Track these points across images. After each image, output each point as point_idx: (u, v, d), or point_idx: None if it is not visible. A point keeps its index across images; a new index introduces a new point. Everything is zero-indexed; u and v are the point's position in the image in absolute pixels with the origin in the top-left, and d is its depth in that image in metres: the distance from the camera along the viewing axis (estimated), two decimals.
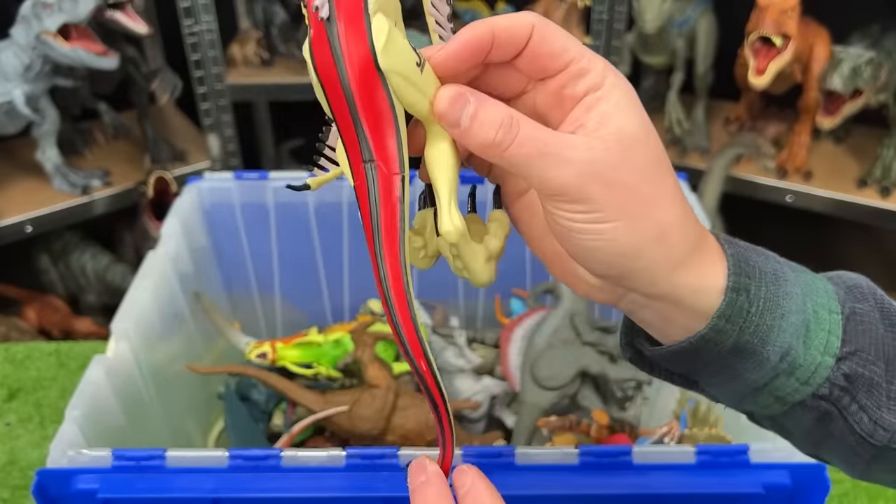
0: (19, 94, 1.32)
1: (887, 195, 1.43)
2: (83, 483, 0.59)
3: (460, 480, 0.40)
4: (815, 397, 0.39)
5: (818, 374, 0.38)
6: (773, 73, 1.28)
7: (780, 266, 0.40)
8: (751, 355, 0.38)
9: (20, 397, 1.02)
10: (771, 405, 0.40)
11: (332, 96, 0.35)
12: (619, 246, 0.37)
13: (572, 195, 0.36)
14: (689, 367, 0.41)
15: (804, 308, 0.39)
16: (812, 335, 0.39)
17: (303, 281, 1.05)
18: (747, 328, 0.38)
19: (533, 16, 0.37)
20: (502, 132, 0.36)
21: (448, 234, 0.38)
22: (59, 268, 1.59)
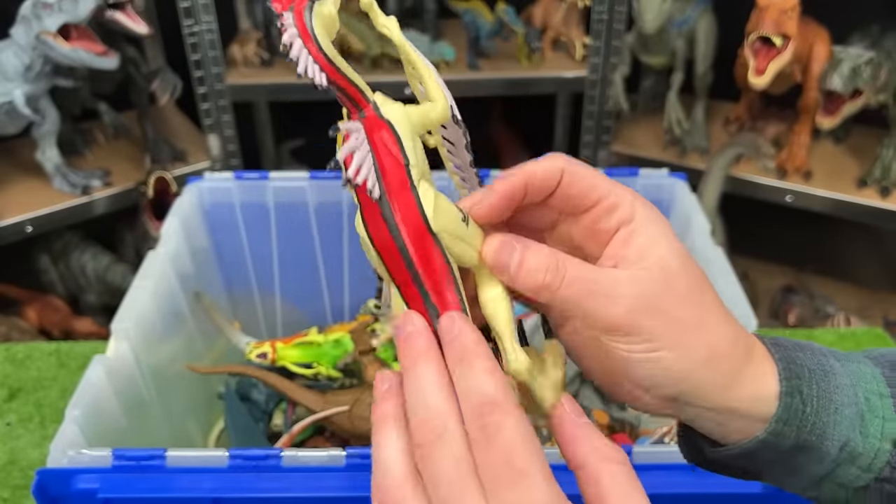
0: (19, 95, 1.32)
1: (887, 195, 1.43)
2: (83, 483, 0.59)
3: (447, 326, 0.37)
4: (878, 481, 0.39)
5: (878, 460, 0.39)
6: (772, 73, 1.28)
7: (826, 359, 0.41)
8: (811, 451, 0.39)
9: (20, 397, 1.02)
10: (835, 491, 0.40)
11: (390, 262, 0.38)
12: (674, 372, 0.38)
13: (625, 329, 0.38)
14: (751, 465, 0.41)
15: (856, 399, 0.40)
16: (867, 424, 0.40)
17: (303, 281, 1.05)
18: (804, 427, 0.39)
19: (562, 159, 0.39)
20: (550, 275, 0.38)
21: (518, 372, 0.39)
22: (60, 268, 1.59)
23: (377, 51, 1.55)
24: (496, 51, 1.62)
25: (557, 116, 1.85)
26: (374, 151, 0.37)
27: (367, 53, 1.55)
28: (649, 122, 1.67)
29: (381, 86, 0.43)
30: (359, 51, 1.56)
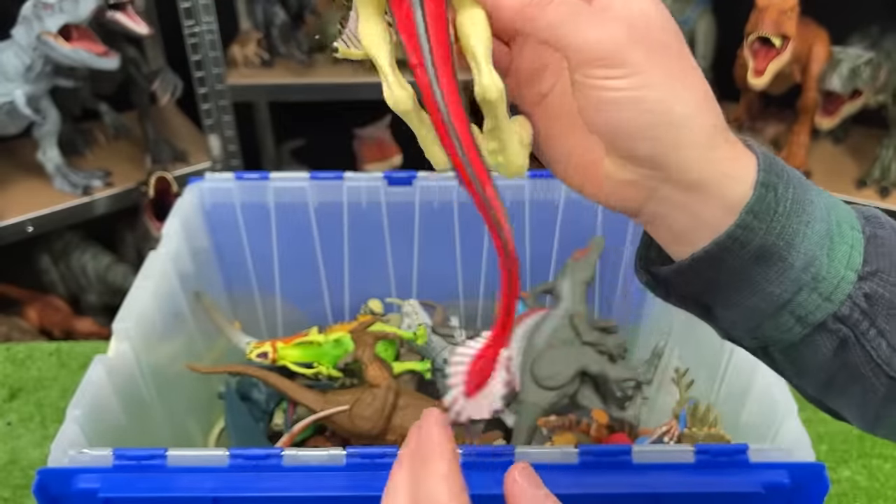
0: (20, 95, 1.32)
1: (886, 195, 1.43)
2: (84, 482, 0.59)
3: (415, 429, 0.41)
4: (835, 319, 0.37)
5: (840, 290, 0.37)
6: (772, 73, 1.28)
7: (804, 176, 0.39)
8: (775, 262, 0.37)
9: (21, 397, 1.02)
10: (791, 328, 0.38)
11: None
12: (661, 115, 0.35)
13: (612, 58, 0.35)
14: (709, 282, 0.38)
15: (828, 218, 0.38)
16: (836, 247, 0.37)
17: (303, 281, 1.05)
18: (773, 229, 0.36)
19: None
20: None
21: (488, 89, 0.37)
22: (60, 268, 1.60)
23: None
24: None
25: None
26: None
27: None
28: None
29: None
30: None
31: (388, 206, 0.99)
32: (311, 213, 1.00)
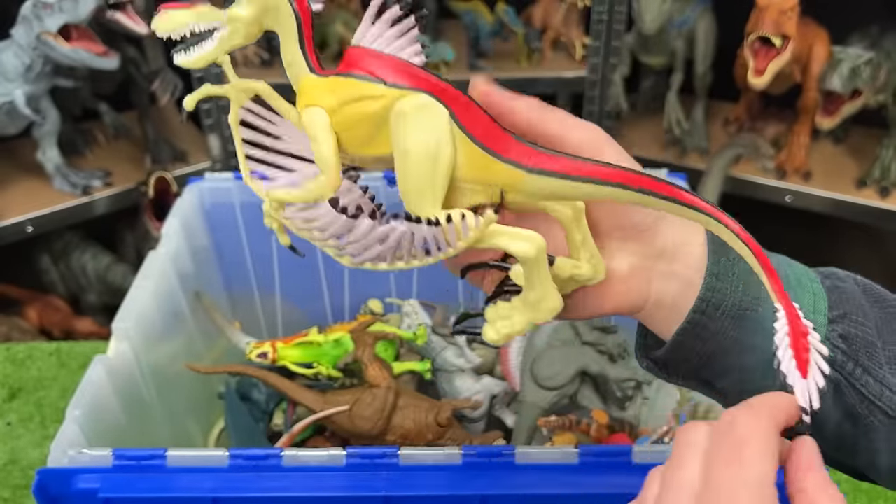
0: (20, 95, 1.32)
1: (886, 195, 1.43)
2: (84, 482, 0.59)
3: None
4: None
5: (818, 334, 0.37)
6: (772, 73, 1.28)
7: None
8: (749, 317, 0.40)
9: (21, 397, 1.02)
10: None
11: None
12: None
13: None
14: (700, 353, 0.41)
15: (786, 273, 0.41)
16: (800, 296, 0.40)
17: (303, 281, 1.05)
18: (737, 287, 0.40)
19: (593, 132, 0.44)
20: None
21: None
22: (60, 268, 1.60)
23: None
24: (496, 51, 1.62)
25: None
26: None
27: None
28: (649, 122, 1.67)
29: None
30: None
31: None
32: None
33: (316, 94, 0.41)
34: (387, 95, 0.40)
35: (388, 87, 0.40)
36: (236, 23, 0.42)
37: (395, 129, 0.40)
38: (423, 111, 0.39)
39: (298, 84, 0.42)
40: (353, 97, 0.40)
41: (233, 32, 0.42)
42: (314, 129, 0.41)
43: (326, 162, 0.41)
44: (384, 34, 0.42)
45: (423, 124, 0.39)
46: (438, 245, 0.41)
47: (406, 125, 0.39)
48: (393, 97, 0.40)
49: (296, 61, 0.42)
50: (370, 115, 0.40)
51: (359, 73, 0.41)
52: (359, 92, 0.40)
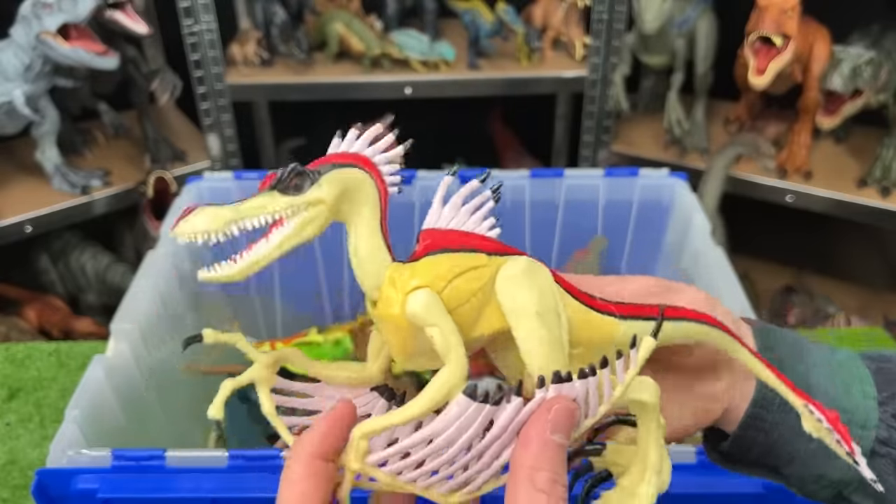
0: (19, 94, 1.32)
1: (887, 195, 1.43)
2: (83, 483, 0.59)
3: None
4: (880, 443, 0.41)
5: (870, 418, 0.41)
6: (773, 72, 1.28)
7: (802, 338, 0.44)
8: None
9: (20, 397, 1.02)
10: (850, 465, 0.40)
11: None
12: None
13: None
14: (763, 443, 0.43)
15: (828, 359, 0.43)
16: (848, 385, 0.42)
17: (303, 281, 1.05)
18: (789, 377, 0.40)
19: None
20: None
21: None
22: (59, 268, 1.59)
23: (377, 51, 1.55)
24: (496, 50, 1.62)
25: (557, 116, 1.85)
26: None
27: (367, 53, 1.55)
28: (649, 122, 1.67)
29: (380, 86, 0.44)
30: (359, 51, 1.56)
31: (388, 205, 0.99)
32: None
33: (414, 277, 0.36)
34: (490, 264, 0.37)
35: (490, 256, 0.37)
36: (318, 206, 0.35)
37: (510, 295, 0.36)
38: (532, 270, 0.37)
39: (383, 272, 0.36)
40: (459, 270, 0.36)
41: (310, 220, 0.35)
42: (431, 310, 0.35)
43: (454, 345, 0.34)
44: (458, 212, 0.39)
45: (537, 282, 0.37)
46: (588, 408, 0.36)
47: (521, 286, 0.36)
48: (497, 265, 0.37)
49: (378, 249, 0.37)
50: (478, 286, 0.36)
51: (456, 247, 0.37)
52: (464, 264, 0.36)
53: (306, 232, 0.35)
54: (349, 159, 0.36)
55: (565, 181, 1.01)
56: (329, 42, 1.59)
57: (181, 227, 0.33)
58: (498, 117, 1.96)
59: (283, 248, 0.34)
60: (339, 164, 0.36)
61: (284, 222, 0.34)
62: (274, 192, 0.34)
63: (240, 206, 0.34)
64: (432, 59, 1.56)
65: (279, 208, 0.34)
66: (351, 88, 1.57)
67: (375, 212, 0.37)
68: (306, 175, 0.34)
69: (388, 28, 1.63)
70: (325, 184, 0.35)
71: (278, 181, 0.34)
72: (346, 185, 0.35)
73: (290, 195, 0.34)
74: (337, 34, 1.57)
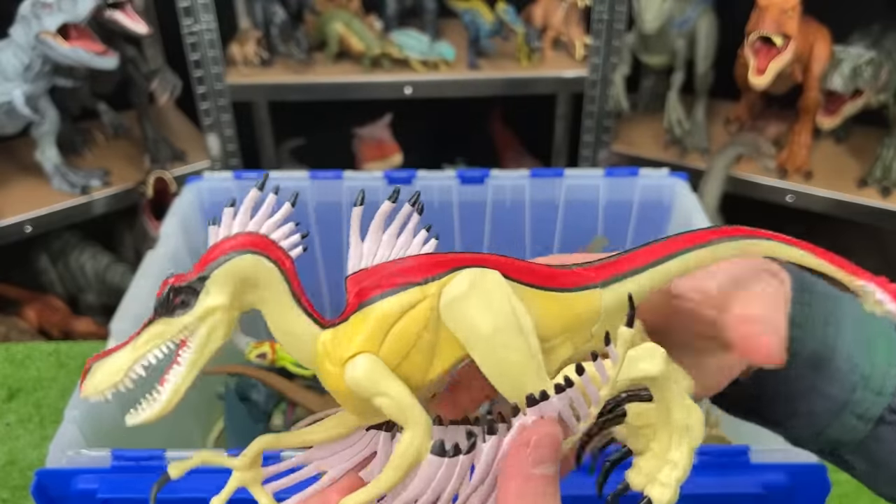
0: (19, 94, 1.32)
1: (888, 195, 1.43)
2: (83, 483, 0.59)
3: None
4: (890, 411, 0.40)
5: (888, 384, 0.40)
6: (773, 72, 1.28)
7: (831, 287, 0.42)
8: (826, 366, 0.40)
9: (20, 397, 1.01)
10: (855, 426, 0.41)
11: None
12: None
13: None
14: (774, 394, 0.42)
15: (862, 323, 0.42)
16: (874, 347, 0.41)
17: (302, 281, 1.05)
18: (815, 336, 0.40)
19: None
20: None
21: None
22: (59, 268, 1.59)
23: (377, 51, 1.55)
24: (496, 50, 1.61)
25: (557, 116, 1.85)
26: None
27: (366, 53, 1.55)
28: (650, 122, 1.67)
29: (380, 86, 0.43)
30: (359, 51, 1.56)
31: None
32: (311, 212, 1.00)
33: (347, 343, 0.33)
34: (428, 293, 0.33)
35: (422, 285, 0.33)
36: (214, 315, 0.33)
37: (458, 320, 0.33)
38: (476, 284, 0.33)
39: (314, 348, 0.34)
40: (394, 318, 0.33)
41: (212, 331, 0.33)
42: (372, 379, 0.32)
43: (408, 408, 0.32)
44: (380, 242, 0.34)
45: (486, 297, 0.32)
46: (578, 413, 0.33)
47: (469, 308, 0.32)
48: (437, 290, 0.33)
49: (299, 325, 0.34)
50: (421, 325, 0.33)
51: (382, 291, 0.33)
52: (397, 308, 0.33)
53: (213, 343, 0.33)
54: (232, 247, 0.33)
55: (565, 181, 1.01)
56: (329, 42, 1.59)
57: (86, 388, 0.32)
58: (498, 117, 1.96)
59: (196, 367, 0.33)
60: (222, 259, 0.32)
61: (188, 341, 0.32)
62: (163, 318, 0.32)
63: (136, 343, 0.32)
64: (432, 59, 1.55)
65: (173, 333, 0.32)
66: (351, 88, 1.57)
67: (282, 288, 0.34)
68: (188, 289, 0.32)
69: (387, 28, 1.62)
70: (212, 289, 0.32)
71: (163, 307, 0.32)
72: (236, 278, 0.33)
73: (178, 315, 0.32)
74: (337, 34, 1.57)
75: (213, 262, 0.32)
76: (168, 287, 0.32)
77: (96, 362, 0.33)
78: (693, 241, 0.37)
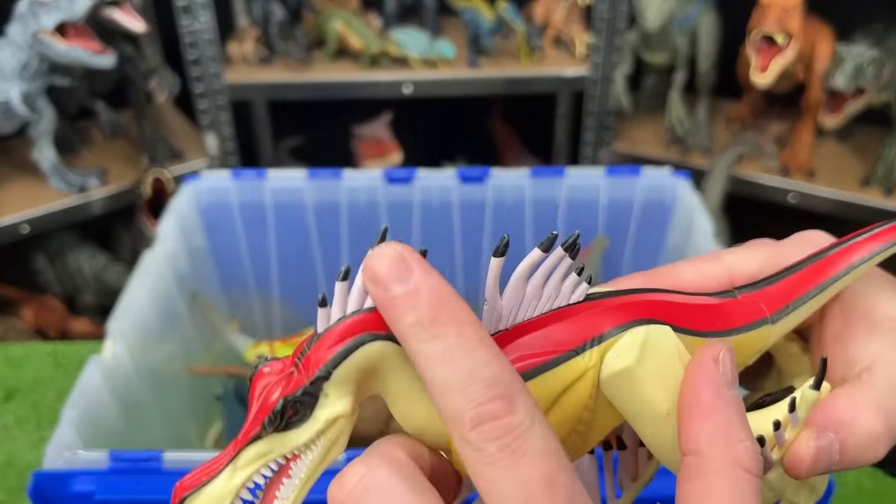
0: (16, 93, 1.31)
1: (890, 194, 1.42)
2: (80, 485, 0.58)
3: None
4: None
5: None
6: (775, 71, 1.27)
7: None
8: None
9: (17, 398, 1.01)
10: None
11: None
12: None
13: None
14: None
15: None
16: None
17: (301, 281, 1.04)
18: None
19: None
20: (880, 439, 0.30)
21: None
22: (56, 268, 1.59)
23: (376, 49, 1.54)
24: (496, 49, 1.61)
25: (558, 115, 1.84)
26: None
27: (366, 52, 1.54)
28: (651, 120, 1.66)
29: (380, 84, 0.42)
30: (358, 49, 1.55)
31: (388, 204, 0.98)
32: (310, 212, 0.99)
33: None
34: (589, 361, 0.27)
35: (582, 353, 0.27)
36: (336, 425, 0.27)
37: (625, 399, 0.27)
38: (649, 350, 0.27)
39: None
40: (554, 395, 0.27)
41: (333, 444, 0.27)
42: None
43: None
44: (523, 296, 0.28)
45: (660, 369, 0.27)
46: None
47: (640, 383, 0.27)
48: (599, 355, 0.27)
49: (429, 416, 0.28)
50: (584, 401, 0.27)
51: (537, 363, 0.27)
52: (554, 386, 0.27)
53: (332, 456, 0.27)
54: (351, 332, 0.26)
55: (566, 180, 1.00)
56: (328, 40, 1.58)
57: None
58: (498, 116, 1.96)
59: (311, 482, 0.28)
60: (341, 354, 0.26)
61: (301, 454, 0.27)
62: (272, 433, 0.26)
63: (236, 464, 0.26)
64: (432, 58, 1.55)
65: (286, 451, 0.26)
66: (350, 87, 1.56)
67: (411, 372, 0.27)
68: (304, 402, 0.26)
69: (387, 26, 1.62)
70: (332, 392, 0.26)
71: (272, 423, 0.25)
72: (361, 373, 0.27)
73: (293, 430, 0.26)
74: (336, 32, 1.57)
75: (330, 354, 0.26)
76: (282, 401, 0.25)
77: (190, 495, 0.26)
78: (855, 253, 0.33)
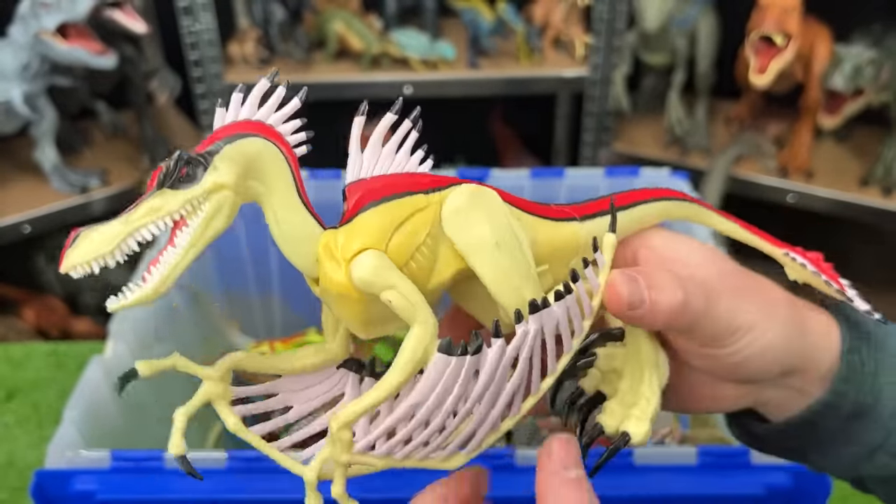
0: (17, 94, 1.32)
1: (889, 195, 1.42)
2: (81, 484, 0.59)
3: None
4: None
5: None
6: (774, 71, 1.28)
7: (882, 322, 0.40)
8: (867, 415, 0.39)
9: (18, 398, 1.01)
10: (887, 464, 0.40)
11: None
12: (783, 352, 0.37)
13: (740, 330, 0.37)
14: (806, 438, 0.41)
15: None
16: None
17: (302, 281, 1.04)
18: (863, 388, 0.38)
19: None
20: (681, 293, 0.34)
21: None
22: (57, 268, 1.59)
23: (377, 50, 1.54)
24: (496, 49, 1.61)
25: (558, 116, 1.84)
26: None
27: (366, 52, 1.55)
28: (650, 121, 1.67)
29: (380, 85, 0.43)
30: (358, 50, 1.56)
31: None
32: None
33: (352, 241, 0.32)
34: (431, 203, 0.33)
35: (427, 193, 0.34)
36: (221, 192, 0.31)
37: (460, 231, 0.33)
38: (477, 197, 0.34)
39: (318, 245, 0.33)
40: (399, 220, 0.32)
41: (216, 211, 0.31)
42: (380, 273, 0.31)
43: (417, 304, 0.31)
44: (379, 154, 0.36)
45: (486, 210, 0.33)
46: (573, 327, 0.34)
47: (470, 218, 0.33)
48: (439, 201, 0.34)
49: (301, 222, 0.33)
50: (426, 230, 0.33)
51: (390, 194, 0.33)
52: (402, 212, 0.33)
53: (215, 225, 0.31)
54: (241, 129, 0.32)
55: (566, 181, 1.00)
56: (328, 41, 1.58)
57: (70, 258, 0.30)
58: (498, 117, 1.96)
59: (195, 250, 0.31)
60: (232, 138, 0.31)
61: (187, 221, 0.30)
62: (164, 189, 0.30)
63: (130, 216, 0.30)
64: (432, 58, 1.55)
65: (175, 207, 0.30)
66: (350, 88, 1.56)
67: (288, 180, 0.32)
68: (197, 161, 0.30)
69: (387, 27, 1.62)
70: (220, 165, 0.31)
71: (165, 176, 0.30)
72: (245, 159, 0.31)
73: (183, 188, 0.30)
74: (336, 33, 1.57)
75: (221, 140, 0.31)
76: (177, 155, 0.30)
77: (83, 232, 0.30)
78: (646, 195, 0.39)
